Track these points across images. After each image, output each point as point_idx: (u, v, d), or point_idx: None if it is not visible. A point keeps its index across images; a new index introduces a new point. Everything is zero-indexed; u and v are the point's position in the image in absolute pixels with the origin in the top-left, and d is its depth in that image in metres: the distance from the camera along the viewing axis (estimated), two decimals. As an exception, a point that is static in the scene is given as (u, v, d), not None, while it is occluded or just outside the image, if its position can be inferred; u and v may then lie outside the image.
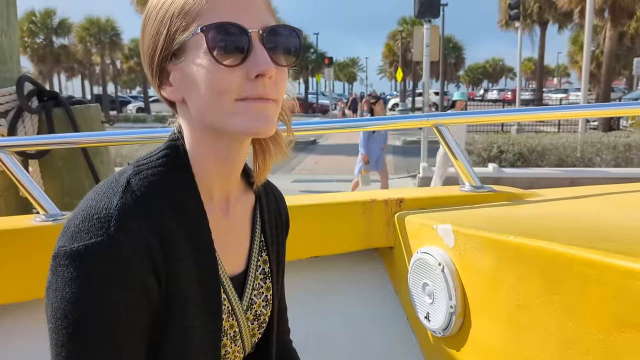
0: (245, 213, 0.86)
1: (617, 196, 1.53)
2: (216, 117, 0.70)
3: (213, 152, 0.76)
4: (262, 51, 0.69)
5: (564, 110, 2.17)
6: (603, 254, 0.89)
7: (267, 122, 0.71)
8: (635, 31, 25.07)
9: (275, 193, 0.95)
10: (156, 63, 0.74)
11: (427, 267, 1.33)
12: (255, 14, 0.70)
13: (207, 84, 0.69)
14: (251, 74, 0.69)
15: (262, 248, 0.87)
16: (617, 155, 9.73)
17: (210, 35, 0.67)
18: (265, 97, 0.70)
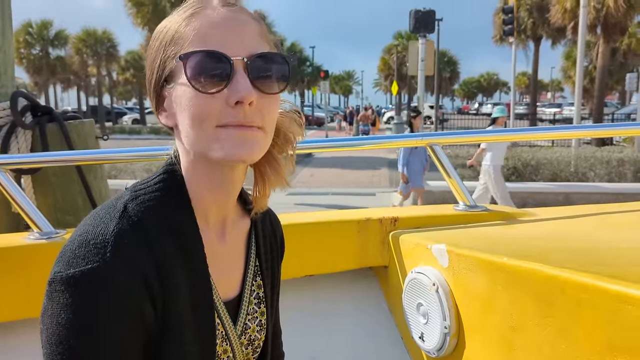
0: (241, 238, 0.87)
1: (610, 216, 1.54)
2: (199, 143, 0.71)
3: (207, 178, 0.76)
4: (243, 78, 0.70)
5: (556, 131, 2.20)
6: (596, 278, 0.89)
7: (248, 148, 0.71)
8: (628, 47, 25.37)
9: (271, 217, 0.95)
10: (153, 89, 0.76)
11: (422, 287, 1.33)
12: (242, 42, 0.71)
13: (189, 110, 0.70)
14: (230, 101, 0.69)
15: (256, 273, 0.88)
16: (611, 170, 9.80)
17: (188, 63, 0.69)
18: (246, 124, 0.70)
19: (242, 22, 0.73)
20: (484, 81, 79.64)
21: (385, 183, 13.09)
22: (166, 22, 0.76)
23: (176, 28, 0.72)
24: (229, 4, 0.75)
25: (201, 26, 0.71)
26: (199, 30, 0.70)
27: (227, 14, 0.73)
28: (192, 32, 0.70)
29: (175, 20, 0.74)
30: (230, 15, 0.73)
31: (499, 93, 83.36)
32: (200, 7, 0.73)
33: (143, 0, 19.13)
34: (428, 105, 38.40)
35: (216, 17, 0.72)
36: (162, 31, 0.74)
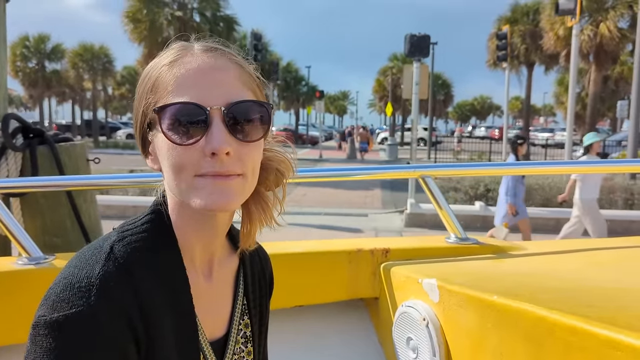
0: (229, 276, 0.86)
1: (596, 253, 1.55)
2: (178, 191, 0.72)
3: (192, 220, 0.77)
4: (219, 129, 0.69)
5: (548, 166, 2.22)
6: (585, 321, 0.90)
7: (225, 198, 0.70)
8: (619, 75, 25.78)
9: (260, 253, 0.95)
10: (139, 133, 0.77)
11: (412, 321, 1.32)
12: (220, 90, 0.71)
13: (168, 159, 0.71)
14: (206, 152, 0.69)
15: (244, 311, 0.87)
16: (602, 197, 9.85)
17: (163, 115, 0.69)
18: (224, 173, 0.70)
19: (221, 68, 0.73)
20: (477, 104, 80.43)
21: (377, 204, 13.09)
22: (149, 66, 0.76)
23: (157, 75, 0.73)
24: (209, 50, 0.75)
25: (180, 75, 0.71)
26: (178, 79, 0.71)
27: (206, 61, 0.73)
28: (171, 80, 0.71)
29: (157, 66, 0.74)
30: (209, 62, 0.73)
31: (492, 116, 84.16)
32: (180, 55, 0.74)
33: (140, 17, 19.26)
34: (422, 127, 38.69)
35: (195, 65, 0.72)
36: (146, 76, 0.75)
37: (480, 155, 21.56)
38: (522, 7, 26.08)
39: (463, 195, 10.30)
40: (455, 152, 22.77)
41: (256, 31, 20.94)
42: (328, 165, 24.70)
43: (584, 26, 18.45)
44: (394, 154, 27.01)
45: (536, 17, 23.68)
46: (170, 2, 20.21)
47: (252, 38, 20.09)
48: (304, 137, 42.81)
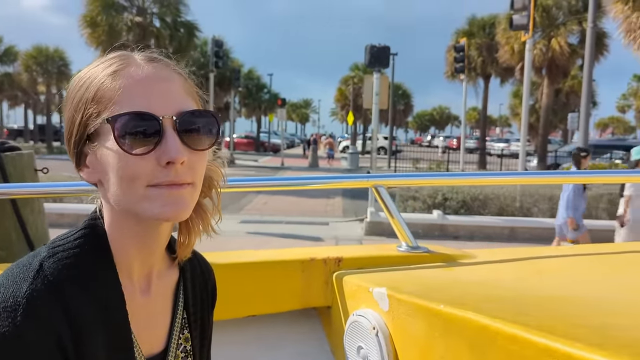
0: (168, 289, 0.85)
1: (539, 261, 1.60)
2: (128, 202, 0.71)
3: (132, 233, 0.75)
4: (173, 138, 0.69)
5: (500, 177, 2.29)
6: (525, 330, 0.92)
7: (179, 207, 0.71)
8: (570, 88, 26.85)
9: (202, 265, 0.93)
10: (72, 145, 0.74)
11: (362, 330, 1.33)
12: (169, 100, 0.71)
13: (118, 170, 0.69)
14: (162, 161, 0.69)
15: (184, 325, 0.85)
16: (553, 206, 10.20)
17: (117, 125, 0.68)
18: (178, 182, 0.70)
19: (167, 79, 0.73)
20: (436, 114, 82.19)
21: (338, 212, 13.15)
22: (85, 75, 0.74)
23: (98, 85, 0.71)
24: (153, 60, 0.75)
25: (127, 85, 0.70)
26: (125, 89, 0.70)
27: (152, 71, 0.73)
28: (117, 91, 0.70)
29: (96, 75, 0.72)
30: (155, 72, 0.73)
31: (450, 126, 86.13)
32: (123, 64, 0.73)
33: (98, 21, 18.83)
34: (382, 136, 39.21)
35: (141, 75, 0.72)
36: (82, 86, 0.73)
37: (439, 165, 21.97)
38: (479, 21, 26.88)
39: (421, 203, 10.46)
40: (414, 161, 23.15)
41: (217, 38, 20.82)
42: (290, 173, 24.68)
43: (537, 41, 19.15)
44: (355, 163, 27.24)
45: (492, 31, 24.44)
46: (129, 7, 19.85)
47: (213, 45, 19.97)
48: (265, 145, 42.67)
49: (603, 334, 0.90)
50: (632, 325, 0.95)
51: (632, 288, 1.30)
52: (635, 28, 11.44)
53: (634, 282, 1.38)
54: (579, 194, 6.44)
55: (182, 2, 19.91)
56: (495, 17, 23.96)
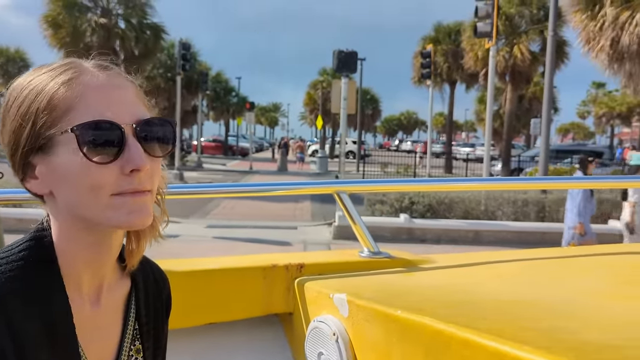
0: (119, 301, 0.83)
1: (498, 266, 1.64)
2: (91, 212, 0.70)
3: (84, 244, 0.74)
4: (136, 146, 0.70)
5: (463, 183, 2.33)
6: (476, 334, 0.94)
7: (144, 214, 0.71)
8: (533, 94, 27.57)
9: (156, 274, 0.92)
10: (19, 156, 0.72)
11: (323, 336, 1.34)
12: (127, 108, 0.72)
13: (81, 180, 0.69)
14: (126, 170, 0.69)
15: (135, 336, 0.84)
16: (516, 209, 10.46)
17: (81, 134, 0.67)
18: (140, 190, 0.71)
19: (122, 86, 0.74)
20: (404, 119, 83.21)
21: (307, 216, 13.15)
22: (31, 84, 0.72)
23: (51, 94, 0.70)
24: (105, 68, 0.74)
25: (84, 93, 0.69)
26: (82, 98, 0.69)
27: (107, 79, 0.72)
28: (75, 99, 0.69)
29: (46, 83, 0.71)
30: (110, 80, 0.73)
31: (418, 131, 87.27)
32: (77, 72, 0.71)
33: (60, 22, 18.36)
34: (351, 140, 39.45)
35: (97, 83, 0.71)
36: (29, 95, 0.71)
37: (406, 169, 22.23)
38: (445, 28, 27.38)
39: (389, 207, 10.57)
40: (383, 165, 23.36)
41: (184, 41, 20.57)
42: (258, 177, 24.55)
43: (500, 48, 19.61)
44: (324, 167, 27.32)
45: (458, 38, 24.93)
46: (93, 8, 19.43)
47: (180, 47, 19.73)
48: (234, 149, 42.39)
49: (551, 337, 0.93)
50: (579, 329, 0.98)
51: (583, 291, 1.34)
52: (593, 37, 11.85)
53: (587, 284, 1.43)
54: (588, 199, 6.35)
55: (149, 4, 19.60)
56: (460, 25, 24.43)
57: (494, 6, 11.71)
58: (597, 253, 1.82)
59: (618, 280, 1.50)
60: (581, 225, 6.31)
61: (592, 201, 6.49)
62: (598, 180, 4.42)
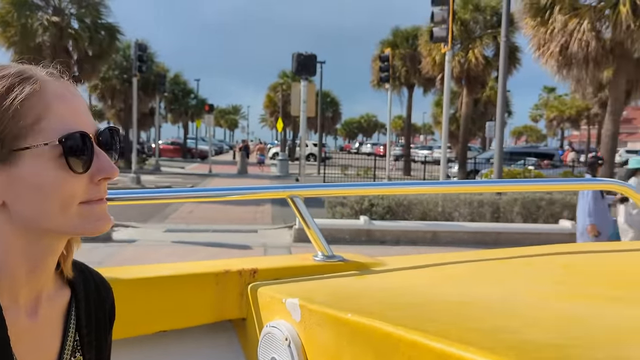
0: (59, 311, 0.81)
1: (450, 267, 1.67)
2: (57, 222, 0.70)
3: (27, 254, 0.73)
4: (103, 155, 0.73)
5: (417, 186, 2.38)
6: (424, 336, 0.96)
7: (108, 220, 0.74)
8: (488, 98, 28.34)
9: (98, 283, 0.90)
10: None
11: (275, 341, 1.33)
12: (88, 118, 0.74)
13: (55, 191, 0.69)
14: (96, 178, 0.71)
15: (76, 348, 0.82)
16: (473, 210, 10.71)
17: (63, 145, 0.68)
18: (104, 197, 0.74)
19: (79, 96, 0.75)
20: (364, 122, 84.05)
21: (267, 219, 13.09)
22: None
23: (13, 104, 0.68)
24: (59, 76, 0.74)
25: (51, 103, 0.70)
26: (50, 108, 0.69)
27: (66, 88, 0.73)
28: (43, 109, 0.69)
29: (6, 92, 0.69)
30: (70, 89, 0.74)
31: (377, 134, 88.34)
32: (36, 80, 0.70)
33: (9, 20, 17.67)
34: (312, 142, 39.53)
35: (60, 92, 0.72)
36: None
37: (366, 171, 22.45)
38: (403, 32, 27.82)
39: (349, 209, 10.64)
40: (343, 167, 23.53)
41: (141, 42, 20.14)
42: (218, 180, 24.27)
43: (456, 53, 20.07)
44: (285, 169, 27.28)
45: (415, 42, 25.37)
46: (44, 7, 18.80)
47: (136, 48, 19.31)
48: (193, 151, 41.78)
49: (494, 337, 0.95)
50: (520, 328, 1.01)
51: (527, 290, 1.38)
52: (544, 43, 12.28)
53: (530, 284, 1.48)
54: (598, 199, 6.29)
55: (103, 4, 19.10)
56: (417, 29, 24.89)
57: (449, 12, 11.98)
58: (544, 253, 1.88)
59: (561, 279, 1.56)
60: (592, 226, 6.19)
61: (604, 201, 6.38)
62: (548, 183, 4.60)
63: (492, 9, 20.88)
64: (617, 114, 12.64)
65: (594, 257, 1.86)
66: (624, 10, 11.18)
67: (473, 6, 21.14)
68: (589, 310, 1.14)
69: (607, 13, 11.80)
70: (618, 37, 11.52)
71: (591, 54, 11.74)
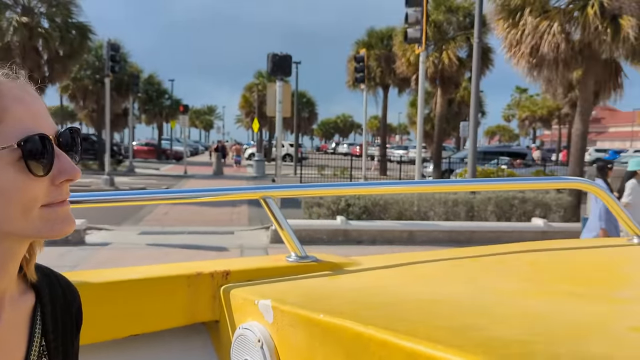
0: (23, 315, 0.79)
1: (422, 266, 1.69)
2: (18, 225, 0.70)
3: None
4: (64, 157, 0.72)
5: (393, 186, 2.39)
6: (394, 335, 0.97)
7: (71, 222, 0.73)
8: (462, 99, 28.70)
9: (64, 287, 0.88)
10: None
11: (248, 343, 1.33)
12: (47, 120, 0.73)
13: (16, 195, 0.68)
14: (58, 181, 0.70)
15: (42, 354, 0.80)
16: (447, 209, 10.84)
17: (26, 148, 0.68)
18: (66, 199, 0.73)
19: (37, 97, 0.74)
20: (340, 122, 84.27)
21: (244, 221, 13.01)
22: None
23: None
24: (15, 77, 0.73)
25: (9, 106, 0.69)
26: (8, 110, 0.68)
27: (24, 90, 0.72)
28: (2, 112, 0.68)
29: None
30: (28, 90, 0.73)
31: (354, 134, 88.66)
32: None
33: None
34: (288, 143, 39.45)
35: (18, 94, 0.71)
36: None
37: (343, 171, 22.51)
38: (378, 33, 27.98)
39: (326, 210, 10.66)
40: (320, 167, 23.56)
41: (113, 41, 19.82)
42: (193, 181, 24.04)
43: (430, 54, 20.28)
44: (261, 170, 27.19)
45: (390, 43, 25.55)
46: (12, 5, 18.35)
47: (108, 48, 18.99)
48: (167, 152, 41.29)
49: (462, 334, 0.97)
50: (487, 325, 1.03)
51: (495, 288, 1.41)
52: (515, 44, 12.50)
53: (498, 282, 1.50)
54: None
55: (74, 3, 18.74)
56: (392, 30, 25.07)
57: (423, 13, 12.10)
58: (513, 251, 1.92)
59: (528, 276, 1.59)
60: (603, 231, 6.23)
61: None
62: (520, 182, 4.68)
63: (465, 11, 21.17)
64: (587, 114, 12.93)
65: (560, 255, 1.91)
66: (592, 12, 11.46)
67: (446, 8, 21.38)
68: (552, 306, 1.17)
69: (576, 15, 12.07)
70: (586, 39, 11.79)
71: (561, 56, 11.99)
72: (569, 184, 3.33)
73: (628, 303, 1.26)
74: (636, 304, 1.24)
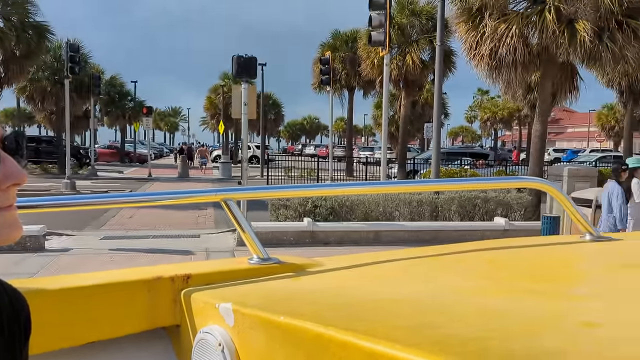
0: None
1: (382, 266, 1.70)
2: None
3: None
4: (11, 160, 0.70)
5: (358, 187, 2.40)
6: (354, 335, 0.97)
7: (19, 227, 0.72)
8: (425, 100, 29.15)
9: (11, 296, 0.85)
10: None
11: (209, 347, 1.32)
12: None
13: None
14: (4, 185, 0.69)
15: None
16: (412, 210, 10.98)
17: None
18: (14, 203, 0.71)
19: None
20: (306, 124, 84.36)
21: (210, 224, 12.86)
22: None
23: None
24: None
25: None
26: None
27: None
28: None
29: None
30: None
31: (320, 135, 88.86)
32: None
33: None
34: (254, 145, 39.22)
35: None
36: None
37: (309, 173, 22.53)
38: (343, 35, 28.13)
39: (293, 211, 10.64)
40: (287, 169, 23.51)
41: (73, 42, 19.31)
42: (158, 184, 23.62)
43: (394, 56, 20.50)
44: (227, 172, 26.96)
45: (354, 45, 25.72)
46: (-36, 3, 17.71)
47: (67, 49, 18.47)
48: (131, 155, 40.48)
49: (420, 333, 0.98)
50: (444, 323, 1.05)
51: (452, 286, 1.43)
52: (475, 47, 12.76)
53: (455, 280, 1.53)
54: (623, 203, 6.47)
55: (30, 2, 18.18)
56: (357, 32, 25.24)
57: (387, 16, 12.23)
58: (473, 249, 1.96)
59: (487, 274, 1.63)
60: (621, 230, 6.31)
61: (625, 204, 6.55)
62: (482, 182, 4.78)
63: (428, 14, 21.47)
64: (545, 115, 13.32)
65: (518, 252, 1.95)
66: (549, 16, 11.80)
67: (410, 11, 21.66)
68: (509, 304, 1.20)
69: (534, 19, 12.41)
70: (544, 43, 12.14)
71: (519, 58, 12.31)
72: (527, 183, 3.42)
73: (582, 299, 1.30)
74: (590, 300, 1.28)
